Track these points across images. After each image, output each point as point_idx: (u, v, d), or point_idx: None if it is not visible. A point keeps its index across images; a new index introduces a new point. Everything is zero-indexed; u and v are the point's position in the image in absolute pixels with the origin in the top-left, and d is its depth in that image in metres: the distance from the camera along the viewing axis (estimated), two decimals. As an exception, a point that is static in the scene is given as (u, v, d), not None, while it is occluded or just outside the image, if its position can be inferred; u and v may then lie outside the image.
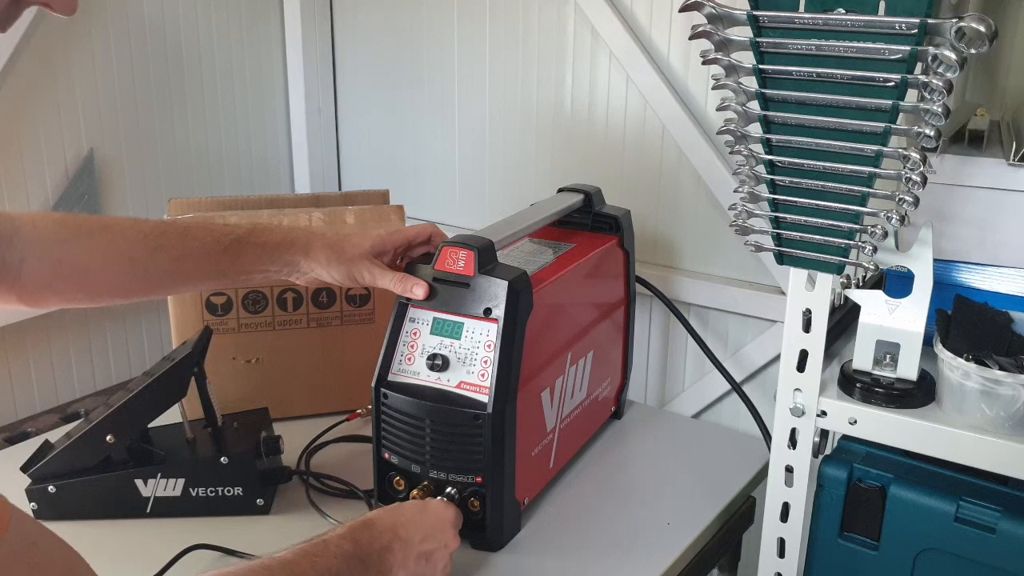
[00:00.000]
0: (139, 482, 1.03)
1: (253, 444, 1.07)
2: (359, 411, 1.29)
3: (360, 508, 1.08)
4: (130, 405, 1.03)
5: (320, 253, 1.00)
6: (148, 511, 1.05)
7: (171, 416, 1.09)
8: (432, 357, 0.98)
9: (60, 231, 0.96)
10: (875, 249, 0.80)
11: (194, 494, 1.05)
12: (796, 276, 0.86)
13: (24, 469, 1.04)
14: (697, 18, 0.79)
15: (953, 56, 0.68)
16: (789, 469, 0.91)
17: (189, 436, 1.09)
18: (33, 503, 1.03)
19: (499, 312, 0.96)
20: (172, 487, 1.04)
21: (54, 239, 0.95)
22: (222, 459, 1.04)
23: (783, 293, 1.28)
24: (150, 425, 1.07)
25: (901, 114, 0.73)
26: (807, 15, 0.73)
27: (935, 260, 0.85)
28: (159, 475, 1.04)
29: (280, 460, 1.12)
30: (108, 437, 1.03)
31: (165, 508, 1.05)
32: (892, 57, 0.71)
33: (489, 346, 0.97)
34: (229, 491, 1.05)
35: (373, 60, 1.70)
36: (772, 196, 0.82)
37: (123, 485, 1.04)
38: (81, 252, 0.97)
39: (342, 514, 1.06)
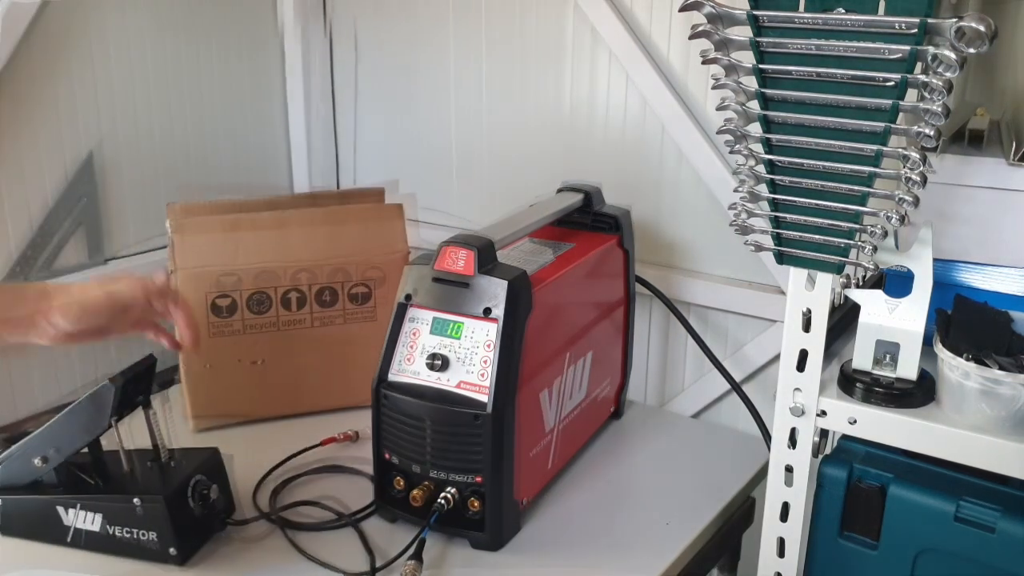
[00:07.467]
0: (60, 510, 0.98)
1: (179, 488, 0.97)
2: (337, 435, 1.23)
3: (344, 535, 1.03)
4: (55, 427, 0.98)
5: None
6: (69, 541, 0.99)
7: (144, 441, 1.02)
8: (432, 357, 0.98)
9: None
10: (875, 249, 0.80)
11: (110, 532, 0.97)
12: (796, 276, 0.86)
13: None
14: (697, 18, 0.79)
15: (953, 56, 0.68)
16: (789, 469, 0.91)
17: (126, 468, 1.01)
18: None
19: (499, 312, 0.96)
20: (91, 521, 0.97)
21: None
22: (134, 500, 0.96)
23: (783, 293, 1.28)
24: (128, 447, 1.00)
25: (901, 114, 0.73)
26: (807, 15, 0.73)
27: (935, 260, 0.85)
28: (78, 506, 0.97)
29: (213, 508, 1.01)
30: (36, 460, 0.98)
31: (84, 541, 0.98)
32: (892, 57, 0.71)
33: (489, 346, 0.97)
34: (144, 535, 0.97)
35: (371, 59, 1.70)
36: (772, 196, 0.82)
37: (47, 510, 0.98)
38: None
39: (316, 548, 1.00)
